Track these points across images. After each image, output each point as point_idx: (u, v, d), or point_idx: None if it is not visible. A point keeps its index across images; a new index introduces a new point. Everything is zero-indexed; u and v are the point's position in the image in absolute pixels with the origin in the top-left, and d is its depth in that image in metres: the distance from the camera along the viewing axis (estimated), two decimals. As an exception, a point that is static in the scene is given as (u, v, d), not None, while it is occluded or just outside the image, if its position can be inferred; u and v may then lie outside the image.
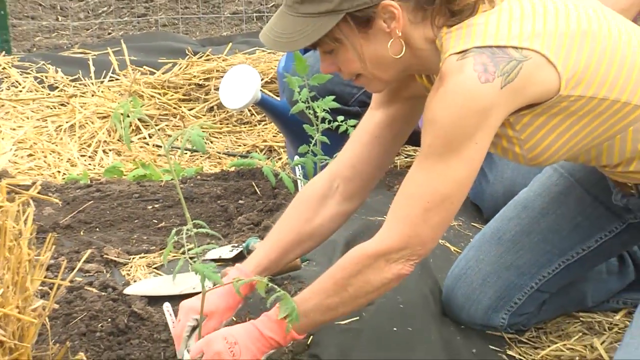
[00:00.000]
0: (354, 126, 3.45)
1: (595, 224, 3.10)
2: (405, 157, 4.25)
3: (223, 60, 4.82)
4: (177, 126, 4.53)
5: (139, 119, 4.43)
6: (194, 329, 2.90)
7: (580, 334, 3.22)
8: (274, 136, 4.56)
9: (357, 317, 3.01)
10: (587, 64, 2.60)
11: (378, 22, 2.61)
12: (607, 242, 3.11)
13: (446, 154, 2.60)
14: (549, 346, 3.14)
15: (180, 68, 4.79)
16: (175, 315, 3.02)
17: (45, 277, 2.37)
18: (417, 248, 2.66)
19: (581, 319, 3.28)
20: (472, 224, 3.61)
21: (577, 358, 3.10)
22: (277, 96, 4.45)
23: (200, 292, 2.91)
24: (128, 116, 2.82)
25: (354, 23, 2.61)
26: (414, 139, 3.96)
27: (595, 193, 3.07)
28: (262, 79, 4.08)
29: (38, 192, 2.32)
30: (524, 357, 3.09)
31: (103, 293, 3.22)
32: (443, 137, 2.59)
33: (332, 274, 2.75)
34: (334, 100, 3.59)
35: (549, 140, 2.68)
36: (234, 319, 2.95)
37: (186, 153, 4.05)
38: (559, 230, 3.12)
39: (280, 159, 4.29)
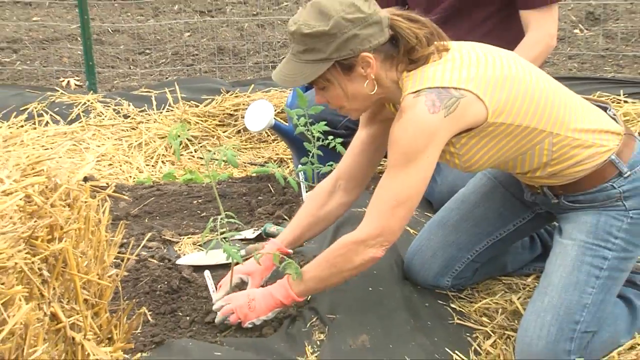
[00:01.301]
0: (341, 143, 3.44)
1: (513, 213, 3.10)
2: (379, 167, 4.21)
3: (247, 97, 4.78)
4: (215, 144, 4.50)
5: (187, 138, 4.42)
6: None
7: (503, 292, 3.21)
8: (283, 151, 4.52)
9: (343, 284, 2.99)
10: (507, 100, 2.63)
11: (358, 69, 2.64)
12: (522, 226, 3.12)
13: (405, 166, 2.63)
14: (480, 301, 3.14)
15: (217, 102, 4.74)
16: (213, 280, 3.00)
17: (118, 253, 2.34)
18: (388, 235, 2.71)
19: (503, 281, 3.26)
20: (426, 213, 3.59)
21: (500, 309, 3.09)
22: (286, 122, 4.42)
23: (230, 263, 2.94)
24: (179, 136, 2.83)
25: (340, 68, 2.64)
26: None
27: (513, 191, 3.08)
28: (275, 110, 4.05)
29: (113, 191, 2.29)
30: (462, 309, 3.08)
31: (161, 263, 3.21)
32: (403, 153, 2.63)
33: (326, 255, 2.80)
34: (325, 124, 3.57)
35: (479, 155, 2.72)
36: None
37: (222, 163, 4.00)
38: (487, 218, 3.12)
39: (288, 167, 4.26)
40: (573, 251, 2.81)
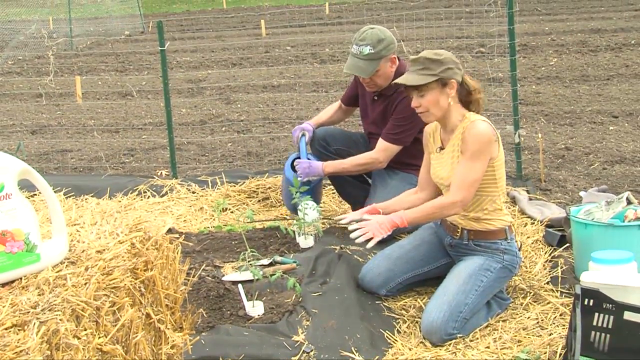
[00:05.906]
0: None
1: (439, 256, 3.02)
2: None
3: (264, 180, 4.68)
4: (245, 208, 4.42)
5: (227, 206, 4.35)
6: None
7: (414, 295, 3.12)
8: (285, 212, 4.42)
9: (320, 293, 2.90)
10: (501, 161, 2.78)
11: (447, 88, 2.74)
12: (443, 266, 3.00)
13: (476, 158, 2.64)
14: (401, 301, 3.06)
15: (246, 184, 4.67)
16: (245, 292, 2.91)
17: (186, 275, 2.26)
18: (465, 202, 2.72)
19: (414, 289, 3.15)
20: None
21: (412, 306, 3.01)
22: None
23: (252, 279, 2.84)
24: (219, 205, 2.79)
25: (439, 83, 2.72)
26: None
27: (441, 242, 3.00)
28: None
29: (183, 239, 2.23)
30: (391, 306, 3.00)
31: (213, 279, 3.11)
32: (476, 149, 2.65)
33: (426, 208, 2.80)
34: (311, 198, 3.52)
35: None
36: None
37: (248, 218, 3.93)
38: (416, 260, 3.02)
39: (289, 222, 4.15)
40: (465, 273, 2.79)
